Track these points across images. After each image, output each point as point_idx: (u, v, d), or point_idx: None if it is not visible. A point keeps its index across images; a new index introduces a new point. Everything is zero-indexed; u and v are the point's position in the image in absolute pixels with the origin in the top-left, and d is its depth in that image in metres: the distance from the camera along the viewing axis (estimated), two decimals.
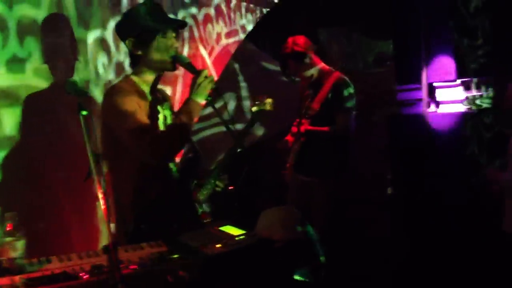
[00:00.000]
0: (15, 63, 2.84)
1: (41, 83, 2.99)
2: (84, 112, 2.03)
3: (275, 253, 2.20)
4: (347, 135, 4.06)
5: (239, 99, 5.39)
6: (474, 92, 4.57)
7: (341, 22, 5.74)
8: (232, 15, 5.09)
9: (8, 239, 2.09)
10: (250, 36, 5.33)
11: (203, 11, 4.71)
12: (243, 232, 2.37)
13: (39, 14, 2.98)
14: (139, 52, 2.73)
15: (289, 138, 4.18)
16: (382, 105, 5.53)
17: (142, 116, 2.62)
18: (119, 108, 2.60)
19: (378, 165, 5.01)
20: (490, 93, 4.53)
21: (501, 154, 3.96)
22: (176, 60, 2.76)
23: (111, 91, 2.70)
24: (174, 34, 2.76)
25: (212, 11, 4.81)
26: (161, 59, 2.72)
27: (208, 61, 4.89)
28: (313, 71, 4.13)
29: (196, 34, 4.65)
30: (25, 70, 2.90)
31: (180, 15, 4.42)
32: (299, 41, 4.13)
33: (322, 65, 4.16)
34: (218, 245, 2.22)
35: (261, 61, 5.65)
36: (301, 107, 4.19)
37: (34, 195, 3.12)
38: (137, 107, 2.62)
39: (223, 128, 4.63)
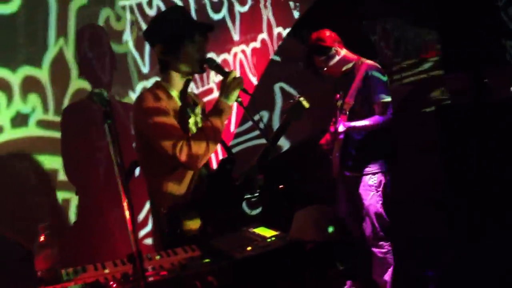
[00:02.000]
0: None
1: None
2: (109, 121, 2.04)
3: (305, 255, 2.16)
4: (386, 124, 3.87)
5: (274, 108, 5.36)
6: None
7: (385, 13, 5.60)
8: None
9: (42, 249, 2.14)
10: (291, 34, 5.26)
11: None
12: (275, 233, 2.33)
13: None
14: (168, 58, 2.74)
15: (327, 137, 4.09)
16: (432, 95, 5.35)
17: (173, 123, 2.63)
18: (150, 117, 2.63)
19: (427, 160, 4.82)
20: None
21: None
22: (205, 63, 2.76)
23: (142, 99, 2.72)
24: (202, 38, 2.76)
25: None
26: (189, 63, 2.74)
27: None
28: (343, 65, 4.02)
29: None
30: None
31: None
32: (323, 35, 4.01)
33: (352, 57, 4.02)
34: (248, 248, 2.19)
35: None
36: (335, 104, 4.09)
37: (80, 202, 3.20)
38: (167, 115, 2.63)
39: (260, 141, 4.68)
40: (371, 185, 3.94)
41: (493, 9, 4.47)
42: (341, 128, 3.83)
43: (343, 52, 4.01)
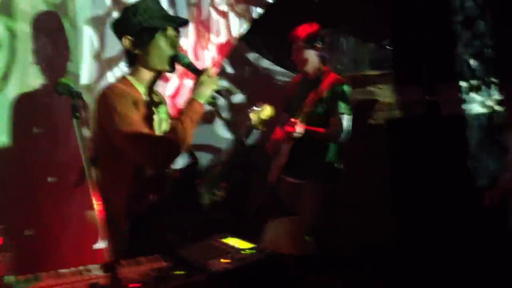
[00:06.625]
0: None
1: None
2: (78, 115, 1.87)
3: (285, 268, 2.04)
4: (340, 139, 3.87)
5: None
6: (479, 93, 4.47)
7: (336, 24, 5.54)
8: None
9: None
10: (243, 38, 5.11)
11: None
12: (249, 245, 2.20)
13: None
14: (137, 51, 2.57)
15: (278, 137, 3.95)
16: (380, 108, 5.36)
17: (140, 120, 2.46)
18: (115, 111, 2.44)
19: (375, 171, 4.81)
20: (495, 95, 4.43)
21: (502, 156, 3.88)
22: (175, 60, 2.59)
23: (107, 92, 2.52)
24: (174, 33, 2.60)
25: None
26: (159, 59, 2.57)
27: None
28: (315, 65, 3.96)
29: None
30: None
31: None
32: (315, 27, 3.99)
33: (322, 63, 4.01)
34: (223, 260, 2.05)
35: (257, 63, 5.46)
36: (291, 105, 4.01)
37: (22, 202, 2.95)
38: (134, 111, 2.46)
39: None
40: (312, 193, 3.84)
41: (447, 22, 4.53)
42: (298, 129, 3.76)
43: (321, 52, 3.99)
